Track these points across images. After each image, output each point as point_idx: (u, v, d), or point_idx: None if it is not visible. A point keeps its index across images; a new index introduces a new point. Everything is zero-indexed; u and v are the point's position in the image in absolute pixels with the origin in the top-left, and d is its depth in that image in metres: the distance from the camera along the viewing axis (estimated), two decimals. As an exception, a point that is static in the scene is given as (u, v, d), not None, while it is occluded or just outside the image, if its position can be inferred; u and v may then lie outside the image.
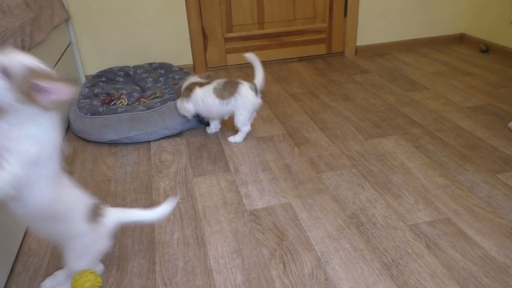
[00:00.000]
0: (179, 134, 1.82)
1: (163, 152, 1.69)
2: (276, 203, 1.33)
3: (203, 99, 1.65)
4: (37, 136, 0.79)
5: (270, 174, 1.49)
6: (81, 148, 1.75)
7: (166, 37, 2.48)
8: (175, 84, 2.14)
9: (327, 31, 2.71)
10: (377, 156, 1.57)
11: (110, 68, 2.30)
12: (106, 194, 1.42)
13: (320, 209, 1.30)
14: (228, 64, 2.66)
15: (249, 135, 1.77)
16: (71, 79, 2.22)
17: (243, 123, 1.69)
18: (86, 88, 2.09)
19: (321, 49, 2.76)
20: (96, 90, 2.08)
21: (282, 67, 2.63)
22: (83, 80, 2.41)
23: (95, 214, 0.95)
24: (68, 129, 1.91)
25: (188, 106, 1.69)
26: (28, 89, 0.75)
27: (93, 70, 2.45)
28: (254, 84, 1.66)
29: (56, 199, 0.87)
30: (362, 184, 1.41)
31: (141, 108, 1.81)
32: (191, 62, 2.59)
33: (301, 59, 2.75)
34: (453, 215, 1.24)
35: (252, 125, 1.82)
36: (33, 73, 0.75)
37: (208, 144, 1.73)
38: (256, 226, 1.23)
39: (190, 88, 1.69)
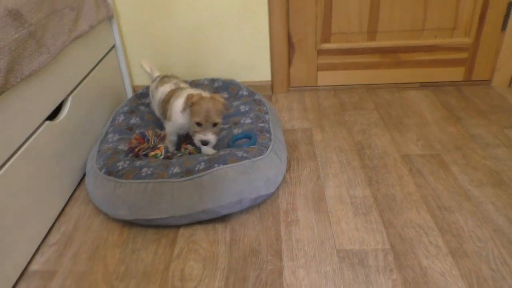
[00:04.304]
0: (223, 218, 1.22)
1: (191, 255, 1.10)
2: None
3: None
4: None
5: None
6: (86, 222, 1.24)
7: (238, 44, 1.85)
8: (235, 123, 1.52)
9: (471, 49, 1.85)
10: None
11: (161, 83, 1.75)
12: None
13: None
14: (319, 85, 1.96)
15: (328, 244, 1.10)
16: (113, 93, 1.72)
17: None
18: (121, 115, 1.56)
19: (456, 73, 1.91)
20: (133, 121, 1.55)
21: (395, 97, 1.85)
22: (129, 93, 1.90)
23: None
24: (82, 180, 1.42)
25: None
26: None
27: (142, 81, 1.93)
28: None
29: None
30: None
31: (175, 170, 1.23)
32: (269, 79, 1.93)
33: (423, 85, 1.94)
34: None
35: (336, 219, 1.15)
36: None
37: (262, 250, 1.10)
38: None
39: None
